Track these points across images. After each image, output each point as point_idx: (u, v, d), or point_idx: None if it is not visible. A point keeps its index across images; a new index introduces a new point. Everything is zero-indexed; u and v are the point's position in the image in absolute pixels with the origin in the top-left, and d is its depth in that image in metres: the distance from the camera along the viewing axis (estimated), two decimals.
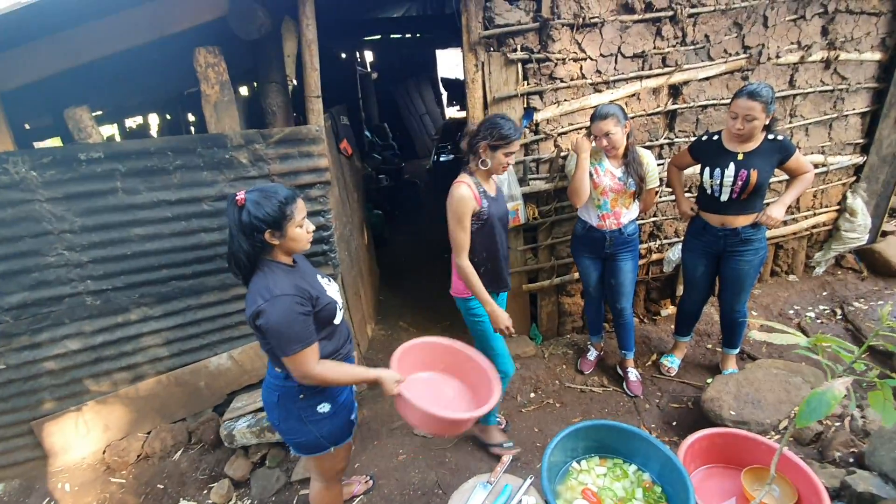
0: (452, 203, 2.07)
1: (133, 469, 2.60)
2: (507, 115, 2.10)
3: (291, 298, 1.46)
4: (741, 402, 2.41)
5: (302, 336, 1.48)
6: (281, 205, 1.47)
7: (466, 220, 2.08)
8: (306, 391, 1.64)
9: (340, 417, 1.75)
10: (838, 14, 3.11)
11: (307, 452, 1.76)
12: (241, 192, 1.48)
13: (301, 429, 1.68)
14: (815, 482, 1.59)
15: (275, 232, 1.49)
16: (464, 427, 1.82)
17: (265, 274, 1.50)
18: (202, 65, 2.30)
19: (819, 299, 3.55)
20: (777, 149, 2.35)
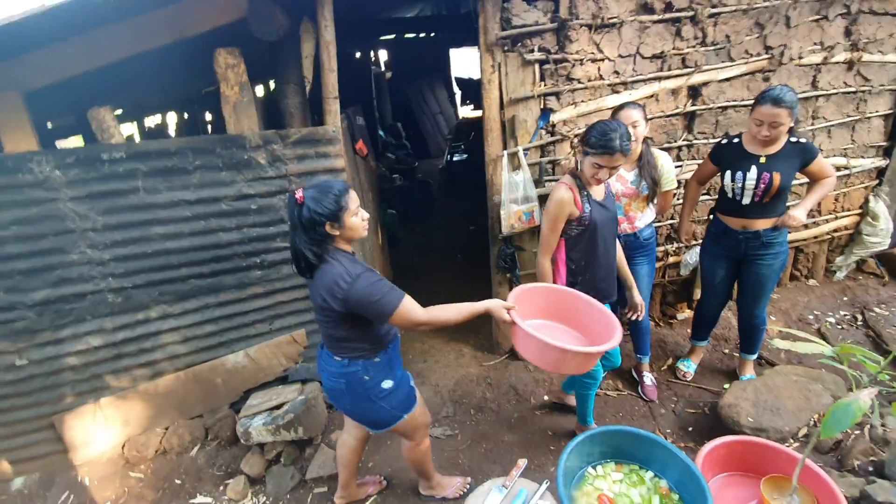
0: (549, 204, 2.06)
1: (151, 464, 2.65)
2: (621, 125, 1.92)
3: (369, 272, 1.62)
4: (760, 409, 2.38)
5: (393, 294, 1.60)
6: (337, 197, 1.59)
7: (559, 224, 2.05)
8: (370, 372, 1.76)
9: (403, 389, 1.88)
10: (861, 15, 3.04)
11: (385, 427, 1.89)
12: (299, 191, 1.59)
13: (373, 407, 1.81)
14: (834, 492, 1.56)
15: (334, 224, 1.60)
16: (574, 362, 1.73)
17: (338, 262, 1.62)
18: (222, 66, 2.33)
19: (839, 304, 3.48)
20: (800, 152, 2.31)
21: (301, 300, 2.79)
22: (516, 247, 3.02)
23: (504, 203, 2.82)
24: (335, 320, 1.68)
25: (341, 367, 1.76)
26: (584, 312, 1.93)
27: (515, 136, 2.81)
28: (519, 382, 3.06)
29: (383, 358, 1.80)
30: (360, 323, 1.69)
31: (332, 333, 1.74)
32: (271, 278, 2.69)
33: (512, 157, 2.82)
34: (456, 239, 5.43)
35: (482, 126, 2.89)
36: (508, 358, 3.28)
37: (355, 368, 1.75)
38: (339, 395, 1.82)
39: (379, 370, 1.78)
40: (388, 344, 1.82)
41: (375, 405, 1.81)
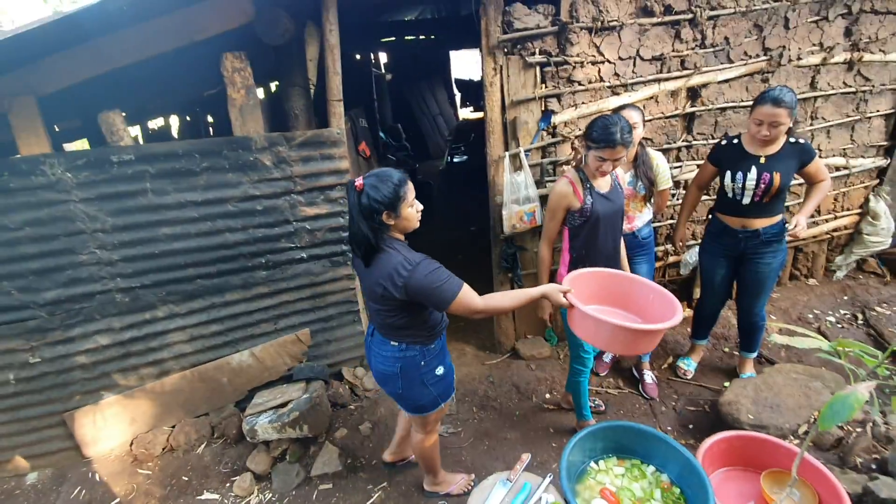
0: (550, 196, 2.18)
1: (159, 461, 2.68)
2: (621, 119, 1.97)
3: (427, 261, 1.63)
4: (760, 406, 2.40)
5: (452, 282, 1.61)
6: (396, 187, 1.61)
7: (558, 214, 2.16)
8: (426, 357, 1.82)
9: (450, 376, 1.95)
10: (863, 14, 3.07)
11: (425, 412, 1.94)
12: (359, 179, 1.62)
13: (423, 392, 1.87)
14: (836, 487, 1.58)
15: (391, 213, 1.62)
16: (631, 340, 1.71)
17: (396, 251, 1.64)
18: (229, 69, 2.36)
19: (840, 304, 3.51)
20: (798, 152, 2.34)
21: (305, 300, 2.83)
22: (518, 247, 3.05)
23: (506, 203, 2.86)
24: (394, 308, 1.70)
25: (398, 351, 1.80)
26: (640, 294, 1.93)
27: (517, 138, 2.84)
28: (521, 381, 3.08)
29: (438, 345, 1.86)
30: (418, 311, 1.73)
31: (391, 322, 1.75)
32: (276, 278, 2.73)
33: (514, 158, 2.86)
34: (457, 239, 5.45)
35: (483, 128, 2.93)
36: (510, 357, 3.31)
37: (413, 353, 1.80)
38: (392, 378, 1.85)
39: (434, 356, 1.85)
40: (442, 332, 1.89)
41: (426, 390, 1.87)
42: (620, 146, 1.95)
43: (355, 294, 2.90)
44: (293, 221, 2.63)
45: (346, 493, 2.46)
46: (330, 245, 2.74)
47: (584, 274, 1.94)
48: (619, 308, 1.96)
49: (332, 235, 2.72)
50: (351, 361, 3.10)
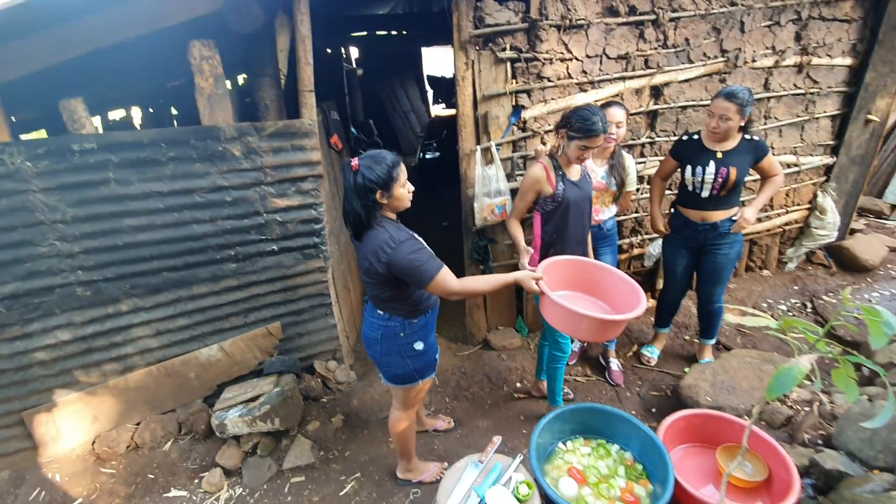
0: (524, 178, 2.27)
1: (123, 459, 2.61)
2: (598, 110, 2.09)
3: (411, 241, 1.73)
4: (717, 389, 2.53)
5: (432, 263, 1.70)
6: (389, 168, 1.69)
7: (528, 196, 2.26)
8: (406, 330, 1.89)
9: (430, 355, 2.00)
10: (811, 20, 3.26)
11: (400, 383, 2.01)
12: (354, 159, 1.70)
13: (399, 362, 1.94)
14: (785, 459, 1.70)
15: (384, 192, 1.70)
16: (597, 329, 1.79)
17: (383, 229, 1.73)
18: (197, 57, 2.32)
19: (791, 293, 3.72)
20: (752, 149, 2.47)
21: (276, 293, 2.80)
22: (489, 239, 3.11)
23: (477, 196, 2.90)
24: (379, 282, 1.79)
25: (382, 319, 1.90)
26: (609, 283, 2.03)
27: (488, 132, 2.89)
28: (492, 371, 3.14)
29: (421, 321, 1.93)
30: (401, 286, 1.80)
31: (377, 294, 1.86)
32: (246, 271, 2.69)
33: (485, 152, 2.90)
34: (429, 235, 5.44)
35: (455, 124, 2.96)
36: (482, 348, 3.37)
37: (394, 324, 1.89)
38: (374, 342, 1.94)
39: (414, 331, 1.91)
40: (427, 310, 1.94)
41: (402, 360, 1.94)
42: (601, 135, 2.07)
43: (327, 287, 2.89)
44: (263, 213, 2.60)
45: (319, 484, 2.46)
46: (302, 237, 2.72)
47: (557, 262, 2.02)
48: (589, 295, 2.04)
49: (304, 227, 2.70)
50: (323, 355, 3.09)
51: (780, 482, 1.63)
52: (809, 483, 1.80)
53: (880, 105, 3.62)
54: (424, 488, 2.37)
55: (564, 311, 1.74)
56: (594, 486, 1.67)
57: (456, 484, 1.62)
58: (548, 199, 2.23)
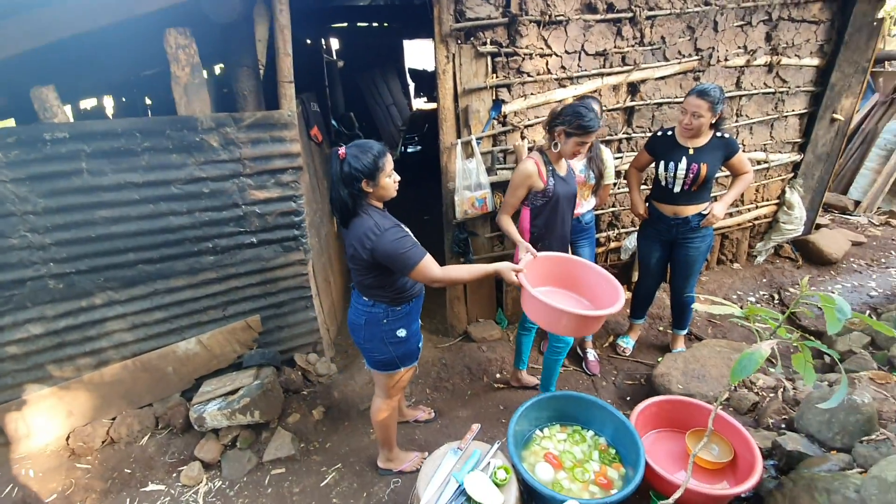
0: (515, 173, 2.27)
1: (99, 454, 2.57)
2: (591, 106, 2.14)
3: (396, 228, 1.77)
4: (688, 377, 2.63)
5: (415, 251, 1.74)
6: (375, 158, 1.72)
7: (519, 192, 2.27)
8: (389, 317, 1.92)
9: (412, 343, 2.03)
10: (781, 21, 3.37)
11: (381, 369, 2.05)
12: (342, 148, 1.73)
13: (381, 348, 1.97)
14: (749, 441, 1.78)
15: (369, 181, 1.73)
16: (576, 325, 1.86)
17: (368, 216, 1.77)
18: (173, 46, 2.27)
19: (759, 285, 3.86)
20: (723, 146, 2.56)
21: (256, 286, 2.78)
22: (469, 232, 3.14)
23: (458, 189, 2.93)
24: (364, 268, 1.83)
25: (366, 306, 1.93)
26: (589, 279, 2.09)
27: (469, 126, 2.92)
28: (472, 363, 3.19)
29: (405, 309, 1.96)
30: (385, 273, 1.83)
31: (362, 280, 1.89)
32: (224, 264, 2.66)
33: (466, 146, 2.93)
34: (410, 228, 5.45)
35: (436, 118, 2.97)
36: (462, 340, 3.41)
37: (378, 311, 1.92)
38: (357, 328, 1.98)
39: (397, 318, 1.94)
40: (411, 298, 1.97)
41: (385, 347, 1.97)
42: (596, 130, 2.13)
43: (308, 280, 2.88)
44: (242, 205, 2.57)
45: (300, 476, 2.47)
46: (281, 230, 2.71)
47: (539, 258, 2.06)
48: (570, 290, 2.10)
49: (284, 220, 2.69)
50: (304, 348, 3.08)
51: (745, 463, 1.71)
52: (772, 464, 1.89)
53: (845, 104, 3.76)
54: (405, 478, 2.40)
55: (544, 307, 1.79)
56: (569, 470, 1.72)
57: (435, 470, 1.66)
58: (538, 194, 2.27)
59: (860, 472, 1.63)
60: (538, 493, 1.58)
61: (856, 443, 1.80)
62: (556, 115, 2.18)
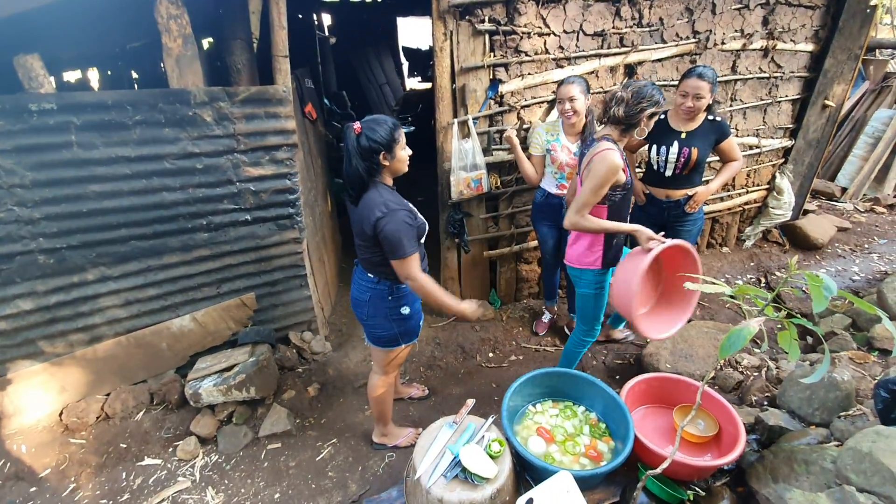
0: (602, 168, 1.98)
1: (93, 430, 2.58)
2: (646, 85, 1.99)
3: (405, 213, 1.76)
4: (676, 357, 2.69)
5: (410, 244, 1.75)
6: (391, 129, 1.75)
7: (604, 189, 2.04)
8: (394, 294, 1.95)
9: (415, 320, 2.07)
10: (778, 5, 3.36)
11: (382, 345, 2.07)
12: (356, 123, 1.74)
13: (384, 324, 2.00)
14: (734, 417, 1.84)
15: (387, 154, 1.75)
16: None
17: (379, 192, 1.78)
18: (164, 16, 2.22)
19: (747, 269, 3.93)
20: (715, 129, 2.58)
21: (250, 263, 2.78)
22: (464, 213, 3.14)
23: (453, 170, 2.93)
24: (370, 245, 1.84)
25: (371, 282, 1.95)
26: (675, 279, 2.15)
27: (466, 105, 2.90)
28: (466, 342, 3.23)
29: (408, 286, 1.94)
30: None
31: (369, 257, 1.91)
32: (219, 241, 2.65)
33: (462, 126, 2.92)
34: None
35: (431, 98, 2.95)
36: (456, 320, 3.45)
37: (383, 288, 1.94)
38: (362, 304, 2.00)
39: (402, 295, 1.97)
40: None
41: (388, 323, 2.00)
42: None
43: (302, 258, 2.88)
44: (236, 182, 2.55)
45: (295, 450, 2.51)
46: (276, 207, 2.69)
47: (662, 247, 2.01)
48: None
49: (279, 198, 2.67)
50: (298, 326, 3.10)
51: (729, 437, 1.77)
52: (754, 438, 1.96)
53: (837, 91, 3.79)
54: (399, 452, 2.45)
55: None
56: (561, 443, 1.77)
57: (431, 443, 1.69)
58: (618, 188, 2.08)
59: (837, 445, 1.70)
60: (531, 464, 1.63)
61: (834, 418, 1.88)
62: (635, 103, 1.97)
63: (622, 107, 2.00)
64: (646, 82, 2.02)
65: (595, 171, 2.01)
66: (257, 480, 2.36)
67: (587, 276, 2.29)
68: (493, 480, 1.55)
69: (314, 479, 2.35)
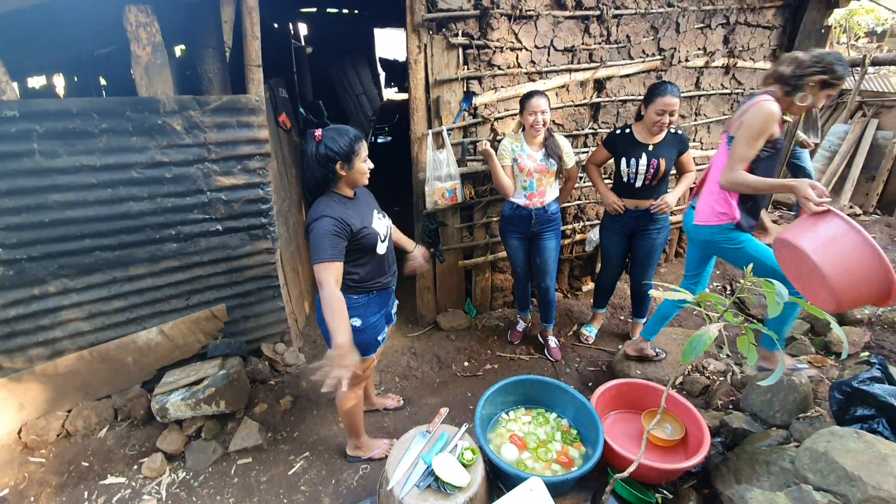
0: (759, 118, 1.88)
1: (54, 448, 2.48)
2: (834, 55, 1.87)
3: (331, 220, 1.74)
4: (646, 363, 2.76)
5: (328, 253, 1.72)
6: (351, 142, 1.76)
7: (761, 141, 1.90)
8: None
9: (368, 334, 2.00)
10: (738, 26, 3.53)
11: None
12: (318, 130, 1.76)
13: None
14: (699, 420, 1.90)
15: (344, 164, 1.77)
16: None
17: (324, 200, 1.80)
18: (133, 24, 2.19)
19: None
20: (678, 141, 2.69)
21: (221, 274, 2.73)
22: (439, 223, 3.17)
23: (428, 180, 2.95)
24: None
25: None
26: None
27: (440, 117, 2.94)
28: (441, 351, 3.24)
29: (362, 299, 1.95)
30: (347, 256, 1.82)
31: None
32: (188, 251, 2.60)
33: (436, 137, 2.95)
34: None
35: (407, 108, 2.98)
36: (432, 329, 3.45)
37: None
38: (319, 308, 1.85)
39: (352, 306, 1.91)
40: (370, 290, 1.96)
41: None
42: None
43: (275, 269, 2.85)
44: (207, 191, 2.52)
45: (267, 465, 2.46)
46: (248, 217, 2.66)
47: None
48: None
49: (251, 207, 2.64)
50: (271, 338, 3.05)
51: (695, 440, 1.83)
52: (719, 441, 2.02)
53: None
54: (374, 464, 2.43)
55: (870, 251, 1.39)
56: (533, 450, 1.79)
57: (404, 453, 1.69)
58: (769, 144, 1.96)
59: (795, 446, 1.77)
60: (503, 471, 1.64)
61: (793, 419, 1.95)
62: (810, 65, 1.87)
63: (792, 66, 1.89)
64: (834, 53, 1.88)
65: (750, 121, 1.90)
66: (227, 497, 2.30)
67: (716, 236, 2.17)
68: (466, 489, 1.56)
69: (286, 493, 2.31)
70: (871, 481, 1.40)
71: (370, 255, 1.91)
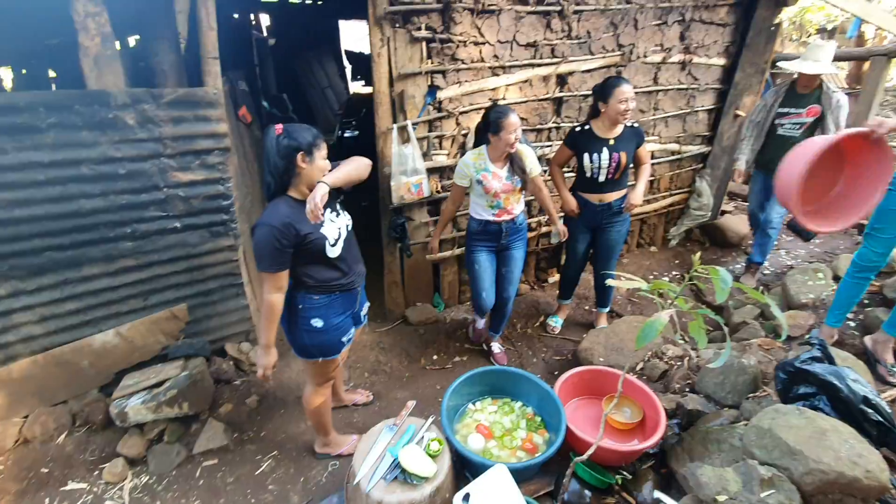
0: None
1: (11, 455, 2.37)
2: None
3: (272, 229, 1.70)
4: (609, 350, 2.85)
5: (269, 262, 1.74)
6: (315, 135, 1.78)
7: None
8: (304, 304, 1.91)
9: (331, 336, 1.98)
10: (693, 23, 3.65)
11: (299, 355, 2.04)
12: (279, 125, 1.75)
13: (297, 334, 1.96)
14: (656, 403, 1.99)
15: (306, 156, 1.74)
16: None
17: (274, 204, 1.77)
18: (80, 13, 2.10)
19: (673, 266, 4.22)
20: (635, 135, 2.77)
21: (181, 273, 2.66)
22: (406, 217, 3.17)
23: (394, 175, 2.95)
24: None
25: (290, 289, 1.92)
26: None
27: (405, 111, 2.93)
28: (410, 345, 3.25)
29: (323, 300, 1.93)
30: (298, 260, 1.83)
31: None
32: (145, 250, 2.52)
33: (401, 131, 2.95)
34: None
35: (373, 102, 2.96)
36: (400, 324, 3.46)
37: (297, 294, 1.92)
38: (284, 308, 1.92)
39: (313, 306, 1.91)
40: (334, 290, 1.94)
41: (300, 333, 1.96)
42: None
43: (238, 266, 2.80)
44: (164, 188, 2.44)
45: (234, 465, 2.43)
46: (209, 214, 2.60)
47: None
48: None
49: (211, 204, 2.58)
50: (236, 336, 3.00)
51: (652, 423, 1.91)
52: (675, 422, 2.11)
53: (746, 102, 4.15)
54: (343, 460, 2.43)
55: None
56: (499, 438, 1.84)
57: (371, 446, 1.71)
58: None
59: (745, 424, 1.87)
60: (469, 460, 1.68)
61: (743, 400, 2.07)
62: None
63: None
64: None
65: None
66: (192, 499, 2.26)
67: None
68: (433, 479, 1.58)
69: (254, 493, 2.29)
70: (812, 455, 1.50)
71: (321, 259, 1.88)
